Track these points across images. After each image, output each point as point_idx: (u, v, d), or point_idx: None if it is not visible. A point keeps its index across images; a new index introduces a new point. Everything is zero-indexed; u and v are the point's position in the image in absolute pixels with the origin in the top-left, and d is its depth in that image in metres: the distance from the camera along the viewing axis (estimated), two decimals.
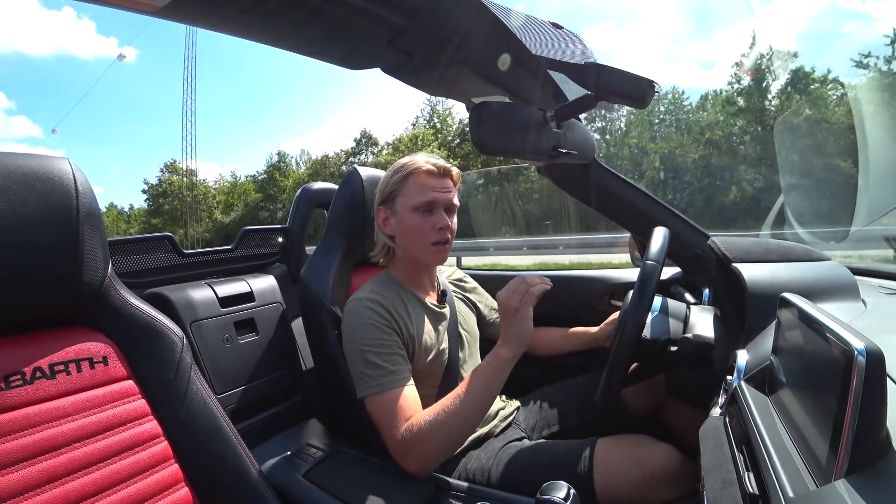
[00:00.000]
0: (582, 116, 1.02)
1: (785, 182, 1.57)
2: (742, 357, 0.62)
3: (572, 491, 0.54)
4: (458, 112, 21.24)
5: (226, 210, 25.22)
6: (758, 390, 0.55)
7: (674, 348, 0.80)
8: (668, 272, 1.25)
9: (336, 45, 0.82)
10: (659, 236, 0.84)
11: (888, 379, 0.33)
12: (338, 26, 0.74)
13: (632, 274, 1.33)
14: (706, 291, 1.05)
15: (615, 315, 1.07)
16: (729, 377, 0.62)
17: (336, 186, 1.28)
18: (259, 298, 1.24)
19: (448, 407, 0.75)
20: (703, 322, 0.82)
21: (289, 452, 0.89)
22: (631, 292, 0.79)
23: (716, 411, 0.63)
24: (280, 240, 1.55)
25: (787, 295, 0.51)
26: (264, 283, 1.29)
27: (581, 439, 0.86)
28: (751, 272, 0.76)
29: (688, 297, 1.09)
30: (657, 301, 0.89)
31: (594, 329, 1.10)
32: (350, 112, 57.03)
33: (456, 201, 0.92)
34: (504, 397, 1.09)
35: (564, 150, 0.87)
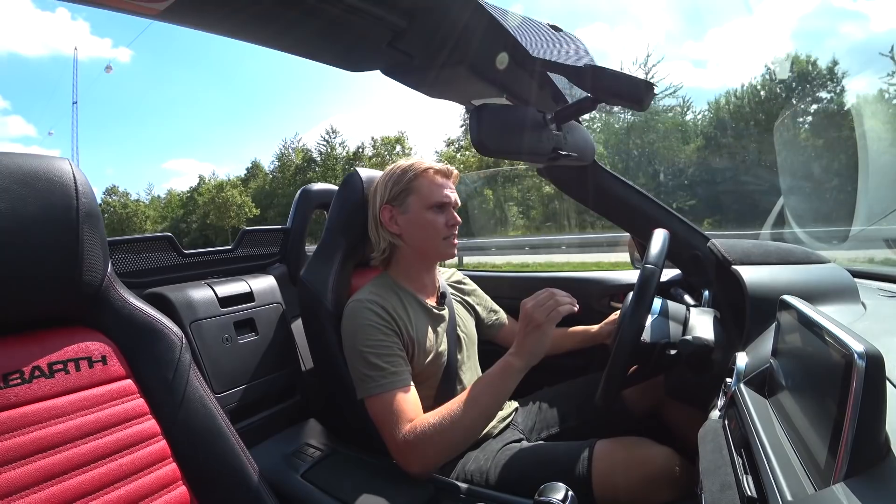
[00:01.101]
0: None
1: (785, 184, 1.57)
2: (741, 359, 0.62)
3: (570, 492, 0.54)
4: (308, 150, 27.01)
5: (161, 221, 31.41)
6: (757, 393, 0.55)
7: (673, 351, 0.80)
8: (668, 274, 1.25)
9: (335, 47, 0.82)
10: (658, 239, 0.84)
11: (887, 382, 0.33)
12: (338, 28, 0.74)
13: (631, 275, 1.33)
14: (706, 293, 1.05)
15: (615, 314, 1.07)
16: (728, 379, 0.62)
17: (335, 187, 1.28)
18: (259, 299, 1.24)
19: (454, 412, 0.75)
20: (702, 324, 0.82)
21: (287, 452, 0.89)
22: (630, 294, 0.79)
23: (715, 413, 0.63)
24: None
25: (786, 297, 0.51)
26: (264, 284, 1.29)
27: (580, 441, 0.86)
28: (750, 274, 0.76)
29: (687, 298, 1.09)
30: (657, 303, 0.89)
31: (594, 328, 1.10)
32: (345, 113, 57.53)
33: (458, 201, 0.96)
34: None
35: (564, 153, 0.87)
